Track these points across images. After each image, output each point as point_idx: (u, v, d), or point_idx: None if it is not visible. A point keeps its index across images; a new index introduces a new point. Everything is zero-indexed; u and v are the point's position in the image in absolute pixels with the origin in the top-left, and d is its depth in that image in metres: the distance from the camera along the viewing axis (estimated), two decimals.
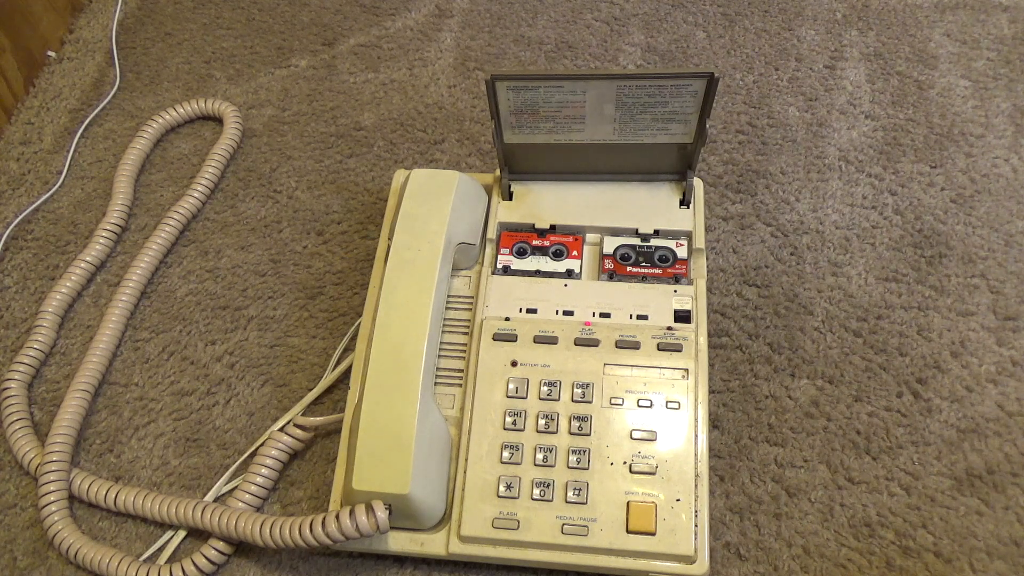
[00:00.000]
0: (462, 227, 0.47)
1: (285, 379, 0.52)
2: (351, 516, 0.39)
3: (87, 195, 0.61)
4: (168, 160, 0.63)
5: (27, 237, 0.59)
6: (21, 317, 0.55)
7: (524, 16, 0.71)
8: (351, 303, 0.54)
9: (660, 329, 0.45)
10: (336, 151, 0.63)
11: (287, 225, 0.59)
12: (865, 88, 0.63)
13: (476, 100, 0.65)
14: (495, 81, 0.43)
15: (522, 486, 0.42)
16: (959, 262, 0.54)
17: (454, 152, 0.62)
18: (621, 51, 0.68)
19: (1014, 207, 0.56)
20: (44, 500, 0.46)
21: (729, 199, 0.58)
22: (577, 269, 0.48)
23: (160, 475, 0.49)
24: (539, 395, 0.44)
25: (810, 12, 0.69)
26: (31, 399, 0.52)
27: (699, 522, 0.41)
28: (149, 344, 0.54)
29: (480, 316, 0.46)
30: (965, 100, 0.62)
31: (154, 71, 0.69)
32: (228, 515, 0.43)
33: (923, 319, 0.51)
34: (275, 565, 0.45)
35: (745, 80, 0.65)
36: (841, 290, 0.53)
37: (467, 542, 0.42)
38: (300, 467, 0.48)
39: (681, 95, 0.43)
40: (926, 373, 0.49)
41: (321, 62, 0.69)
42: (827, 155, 0.60)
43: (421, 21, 0.71)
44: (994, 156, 0.59)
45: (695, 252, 0.48)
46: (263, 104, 0.66)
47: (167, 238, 0.57)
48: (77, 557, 0.45)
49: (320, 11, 0.72)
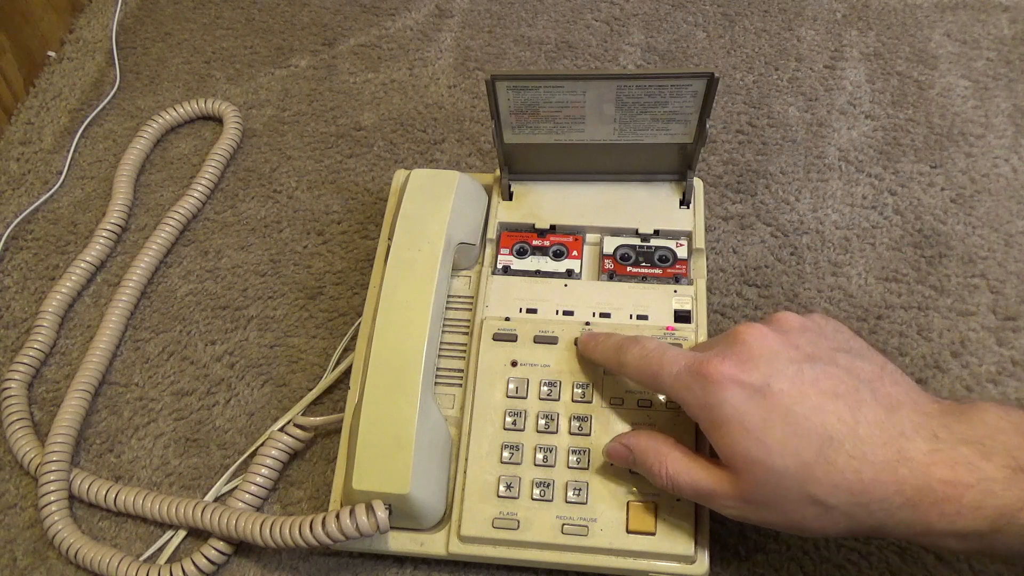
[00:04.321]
0: (462, 227, 0.47)
1: (285, 379, 0.52)
2: (351, 516, 0.39)
3: (87, 195, 0.61)
4: (168, 160, 0.63)
5: (27, 237, 0.59)
6: (21, 317, 0.55)
7: (524, 16, 0.71)
8: (351, 303, 0.54)
9: (660, 329, 0.45)
10: (336, 151, 0.63)
11: (287, 225, 0.59)
12: (865, 88, 0.63)
13: (476, 100, 0.65)
14: (495, 81, 0.43)
15: (522, 486, 0.42)
16: (959, 262, 0.54)
17: (454, 152, 0.62)
18: (621, 51, 0.68)
19: (1014, 207, 0.56)
20: (44, 500, 0.46)
21: (729, 199, 0.58)
22: (577, 269, 0.48)
23: (160, 475, 0.49)
24: (539, 395, 0.44)
25: (810, 12, 0.69)
26: (31, 399, 0.52)
27: (699, 522, 0.41)
28: (149, 344, 0.54)
29: (480, 316, 0.46)
30: (965, 100, 0.62)
31: (154, 71, 0.69)
32: (228, 515, 0.43)
33: (923, 319, 0.51)
34: (275, 565, 0.45)
35: (745, 80, 0.65)
36: (841, 290, 0.53)
37: (467, 542, 0.42)
38: (300, 467, 0.48)
39: (681, 95, 0.43)
40: (926, 373, 0.49)
41: (321, 62, 0.69)
42: (827, 155, 0.60)
43: (421, 21, 0.71)
44: (994, 156, 0.59)
45: (695, 252, 0.48)
46: (263, 104, 0.66)
47: (167, 238, 0.57)
48: (77, 557, 0.45)
49: (320, 11, 0.72)
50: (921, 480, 0.32)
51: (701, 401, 0.36)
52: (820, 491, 0.33)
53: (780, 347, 0.36)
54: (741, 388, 0.35)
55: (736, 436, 0.35)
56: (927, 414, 0.34)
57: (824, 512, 0.34)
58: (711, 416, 0.35)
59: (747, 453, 0.34)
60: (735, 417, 0.35)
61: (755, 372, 0.35)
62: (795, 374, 0.35)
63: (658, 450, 0.38)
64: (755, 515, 0.36)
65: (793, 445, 0.33)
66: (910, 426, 0.33)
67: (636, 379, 0.40)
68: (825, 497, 0.33)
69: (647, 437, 0.39)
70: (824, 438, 0.33)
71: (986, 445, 0.32)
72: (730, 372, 0.35)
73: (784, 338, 0.37)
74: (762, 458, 0.34)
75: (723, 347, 0.37)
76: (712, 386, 0.35)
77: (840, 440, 0.33)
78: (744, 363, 0.35)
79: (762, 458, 0.34)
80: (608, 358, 0.42)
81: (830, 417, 0.34)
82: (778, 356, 0.36)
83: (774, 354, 0.36)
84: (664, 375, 0.38)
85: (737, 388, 0.35)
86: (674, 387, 0.37)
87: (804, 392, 0.34)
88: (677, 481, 0.37)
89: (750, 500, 0.35)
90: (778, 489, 0.34)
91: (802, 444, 0.33)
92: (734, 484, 0.35)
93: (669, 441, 0.39)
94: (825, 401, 0.34)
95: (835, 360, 0.36)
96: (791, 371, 0.35)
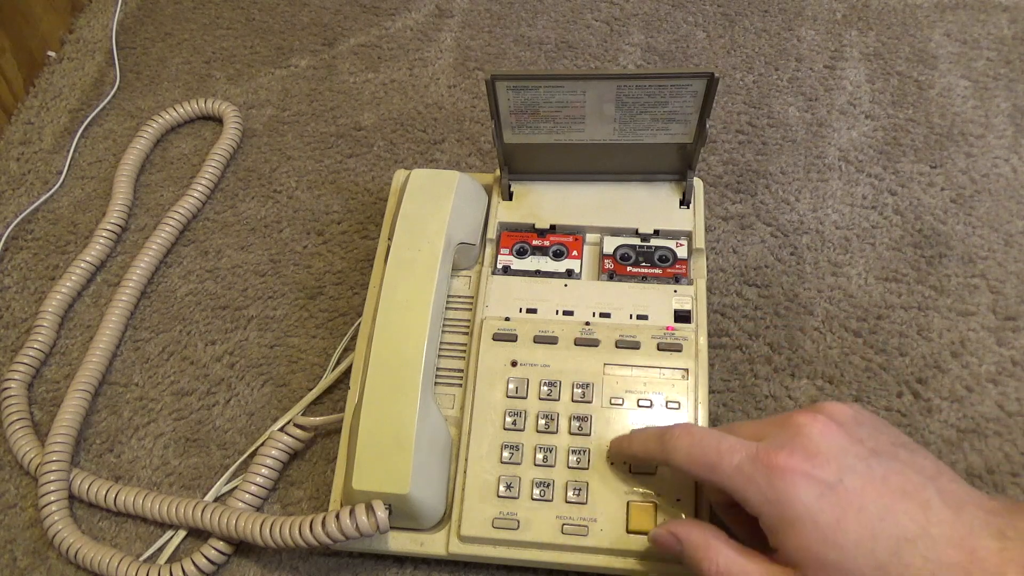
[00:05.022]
0: (462, 227, 0.47)
1: (285, 379, 0.52)
2: (351, 516, 0.39)
3: (87, 195, 0.61)
4: (168, 160, 0.63)
5: (27, 237, 0.59)
6: (21, 317, 0.55)
7: (524, 16, 0.71)
8: (351, 303, 0.54)
9: (660, 329, 0.45)
10: (336, 151, 0.63)
11: (287, 225, 0.59)
12: (865, 88, 0.63)
13: (476, 100, 0.65)
14: (495, 81, 0.43)
15: (522, 486, 0.42)
16: (959, 262, 0.54)
17: (454, 152, 0.62)
18: (621, 51, 0.68)
19: (1014, 207, 0.56)
20: (44, 500, 0.46)
21: (729, 199, 0.58)
22: (577, 269, 0.48)
23: (160, 475, 0.49)
24: (539, 395, 0.44)
25: (810, 12, 0.69)
26: (31, 399, 0.52)
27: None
28: (149, 344, 0.54)
29: (480, 316, 0.46)
30: (965, 100, 0.62)
31: (154, 71, 0.69)
32: (228, 515, 0.43)
33: (923, 319, 0.51)
34: (275, 565, 0.45)
35: (745, 80, 0.65)
36: (841, 290, 0.53)
37: (467, 542, 0.42)
38: (300, 467, 0.48)
39: (681, 95, 0.43)
40: (926, 373, 0.49)
41: (321, 62, 0.69)
42: (827, 155, 0.60)
43: (421, 21, 0.71)
44: (994, 156, 0.59)
45: (695, 252, 0.48)
46: (263, 104, 0.66)
47: (167, 238, 0.57)
48: (77, 557, 0.45)
49: (320, 11, 0.72)
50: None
51: (767, 496, 0.34)
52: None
53: (847, 442, 0.34)
54: (813, 484, 0.33)
55: (808, 535, 0.33)
56: (991, 511, 0.33)
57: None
58: (779, 512, 0.33)
59: (820, 554, 0.33)
60: (807, 515, 0.33)
61: (826, 468, 0.33)
62: (865, 470, 0.33)
63: (708, 544, 0.36)
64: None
65: (868, 546, 0.32)
66: (978, 525, 0.32)
67: (687, 470, 0.37)
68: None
69: (698, 529, 0.37)
70: (899, 539, 0.32)
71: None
72: (801, 467, 0.33)
73: (847, 431, 0.35)
74: (835, 559, 0.32)
75: (785, 439, 0.35)
76: (781, 481, 0.33)
77: (914, 541, 0.32)
78: (813, 457, 0.34)
79: (835, 559, 0.32)
80: (650, 450, 0.39)
81: (903, 517, 0.32)
82: (847, 452, 0.34)
83: (842, 450, 0.34)
84: (724, 466, 0.35)
85: (809, 483, 0.33)
86: (734, 479, 0.35)
87: (877, 490, 0.33)
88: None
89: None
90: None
91: (877, 545, 0.32)
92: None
93: (720, 536, 0.36)
94: (896, 500, 0.33)
95: (897, 456, 0.34)
96: (861, 468, 0.34)
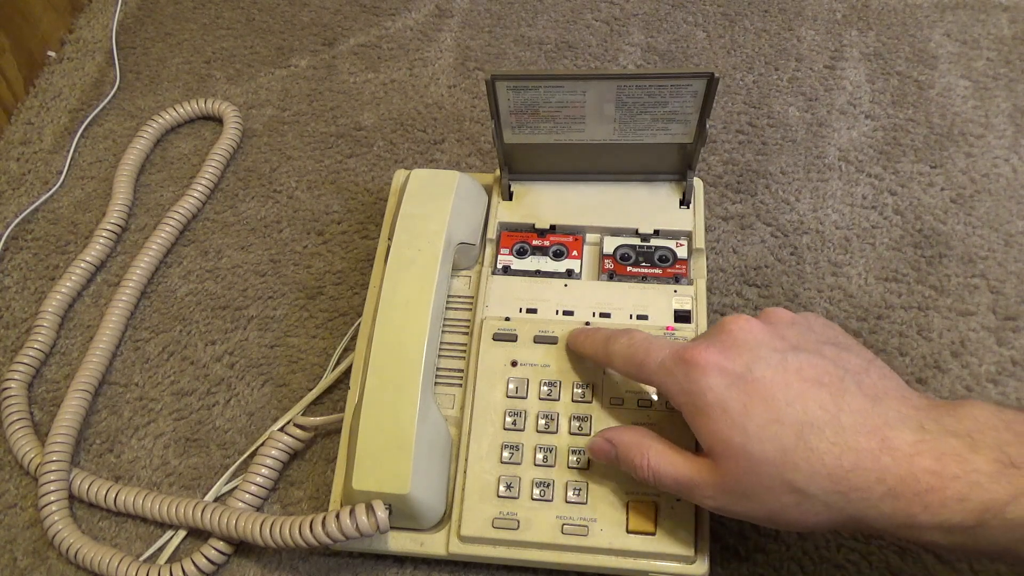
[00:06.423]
0: (462, 227, 0.47)
1: (285, 379, 0.52)
2: (351, 516, 0.39)
3: (87, 195, 0.61)
4: (168, 160, 0.63)
5: (27, 237, 0.59)
6: (21, 317, 0.55)
7: (524, 16, 0.71)
8: (351, 303, 0.54)
9: (660, 329, 0.45)
10: (336, 151, 0.63)
11: (287, 225, 0.59)
12: (865, 88, 0.63)
13: (476, 100, 0.65)
14: (495, 81, 0.43)
15: (522, 486, 0.42)
16: (959, 262, 0.54)
17: (454, 152, 0.62)
18: (621, 51, 0.68)
19: (1014, 207, 0.56)
20: (44, 500, 0.46)
21: (729, 199, 0.58)
22: (577, 269, 0.48)
23: (160, 475, 0.49)
24: (539, 395, 0.44)
25: (810, 12, 0.69)
26: (31, 399, 0.52)
27: (699, 522, 0.41)
28: (149, 344, 0.54)
29: (480, 316, 0.46)
30: (965, 100, 0.62)
31: (154, 71, 0.69)
32: (228, 515, 0.43)
33: (923, 319, 0.51)
34: (275, 565, 0.45)
35: (745, 80, 0.65)
36: (841, 290, 0.53)
37: (467, 542, 0.42)
38: (300, 467, 0.48)
39: (681, 95, 0.43)
40: (926, 373, 0.49)
41: (321, 62, 0.69)
42: (827, 155, 0.60)
43: (421, 21, 0.71)
44: (994, 156, 0.59)
45: (695, 252, 0.48)
46: (263, 104, 0.66)
47: (167, 238, 0.57)
48: (77, 557, 0.45)
49: (320, 11, 0.72)
50: (904, 470, 0.31)
51: (683, 387, 0.36)
52: (799, 478, 0.33)
53: (765, 337, 0.36)
54: (723, 374, 0.35)
55: (717, 422, 0.34)
56: (914, 407, 0.34)
57: (803, 501, 0.33)
58: (693, 402, 0.36)
59: (727, 439, 0.34)
60: (716, 403, 0.35)
61: (738, 359, 0.35)
62: (778, 362, 0.35)
63: (640, 443, 0.38)
64: (735, 506, 0.35)
65: (773, 431, 0.33)
66: (895, 416, 0.33)
67: (623, 370, 0.40)
68: (804, 485, 0.33)
69: (630, 432, 0.39)
70: (805, 424, 0.33)
71: (975, 439, 0.31)
72: (713, 359, 0.35)
73: (771, 329, 0.37)
74: (742, 444, 0.34)
75: (709, 336, 0.37)
76: (694, 372, 0.35)
77: (821, 427, 0.33)
78: (727, 350, 0.36)
79: (742, 444, 0.34)
80: (596, 351, 0.42)
81: (812, 404, 0.33)
82: (762, 345, 0.36)
83: (758, 343, 0.36)
84: (649, 363, 0.38)
85: (719, 374, 0.35)
86: (658, 374, 0.37)
87: (787, 379, 0.34)
88: (659, 473, 0.37)
89: (730, 489, 0.35)
90: (757, 476, 0.33)
91: (782, 430, 0.33)
92: (714, 473, 0.35)
93: (651, 435, 0.39)
94: (808, 388, 0.34)
95: (821, 351, 0.36)
96: (775, 359, 0.35)
